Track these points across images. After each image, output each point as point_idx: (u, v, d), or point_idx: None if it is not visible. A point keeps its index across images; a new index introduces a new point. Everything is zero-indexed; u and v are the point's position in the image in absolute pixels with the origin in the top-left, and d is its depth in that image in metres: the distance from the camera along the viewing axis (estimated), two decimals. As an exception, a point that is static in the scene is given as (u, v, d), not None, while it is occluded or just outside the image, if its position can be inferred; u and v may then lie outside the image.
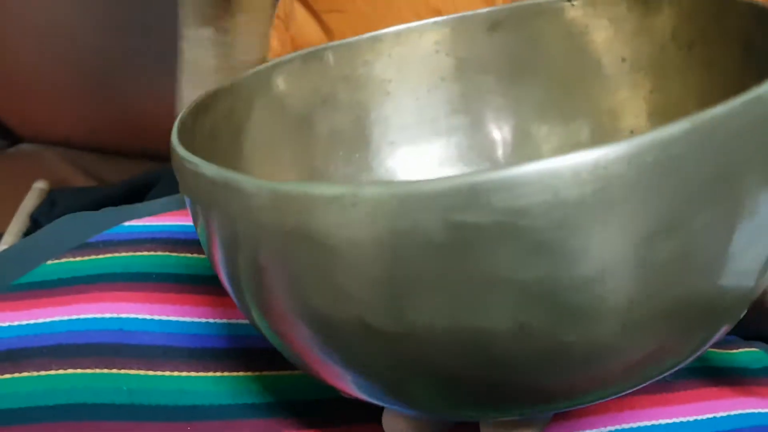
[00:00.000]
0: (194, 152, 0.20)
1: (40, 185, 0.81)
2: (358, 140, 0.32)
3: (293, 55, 0.30)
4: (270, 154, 0.29)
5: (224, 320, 0.29)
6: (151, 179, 0.77)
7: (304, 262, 0.17)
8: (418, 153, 0.33)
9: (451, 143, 0.33)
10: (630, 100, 0.30)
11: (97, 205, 0.76)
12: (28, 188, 0.81)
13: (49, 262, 0.32)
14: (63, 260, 0.32)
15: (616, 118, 0.31)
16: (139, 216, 0.36)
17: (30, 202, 0.79)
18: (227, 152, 0.27)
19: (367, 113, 0.32)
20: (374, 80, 0.32)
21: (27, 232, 0.76)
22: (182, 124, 0.23)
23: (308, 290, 0.18)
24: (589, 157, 0.15)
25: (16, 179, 0.83)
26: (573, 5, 0.30)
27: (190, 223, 0.35)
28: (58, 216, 0.75)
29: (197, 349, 0.28)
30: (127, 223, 0.35)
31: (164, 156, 0.91)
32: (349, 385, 0.20)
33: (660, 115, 0.29)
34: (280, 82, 0.30)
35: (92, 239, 0.33)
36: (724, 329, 0.20)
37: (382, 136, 0.33)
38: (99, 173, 0.86)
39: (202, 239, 0.22)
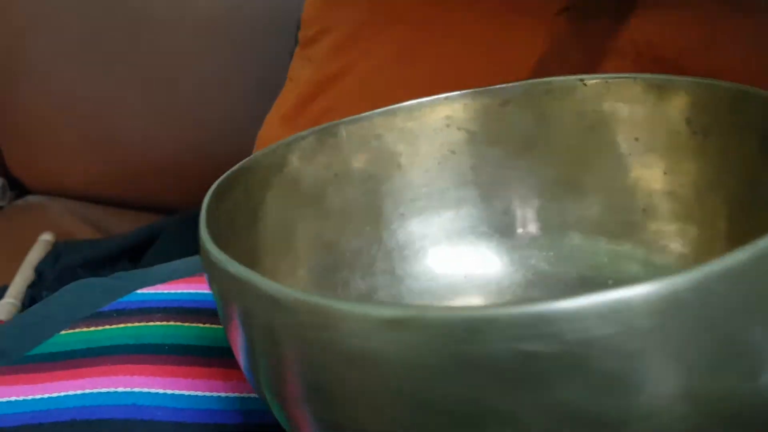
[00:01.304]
0: (217, 237, 0.21)
1: (45, 237, 0.82)
2: (369, 213, 0.33)
3: (309, 131, 0.31)
4: (283, 231, 0.29)
5: (236, 394, 0.29)
6: (155, 231, 0.78)
7: (345, 377, 0.17)
8: (428, 224, 0.34)
9: (461, 215, 0.34)
10: (643, 179, 0.30)
11: (102, 259, 0.77)
12: (34, 240, 0.81)
13: (63, 332, 0.32)
14: (76, 330, 0.32)
15: (629, 196, 0.31)
16: (152, 282, 0.36)
17: (35, 254, 0.79)
18: (246, 234, 0.27)
19: (378, 186, 0.33)
20: (386, 153, 0.33)
21: (32, 285, 0.76)
22: (208, 208, 0.23)
23: (341, 404, 0.18)
24: (660, 287, 0.15)
25: (23, 231, 0.83)
26: (585, 85, 0.31)
27: (201, 290, 0.35)
28: (63, 268, 0.76)
29: (209, 425, 0.28)
30: (139, 291, 0.35)
31: (167, 207, 0.92)
32: None
33: (674, 195, 0.30)
34: (295, 159, 0.30)
35: (105, 308, 0.34)
36: None
37: (393, 209, 0.33)
38: (104, 225, 0.87)
39: (229, 330, 0.22)
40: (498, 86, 0.32)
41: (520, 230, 0.33)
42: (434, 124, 0.33)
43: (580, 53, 0.42)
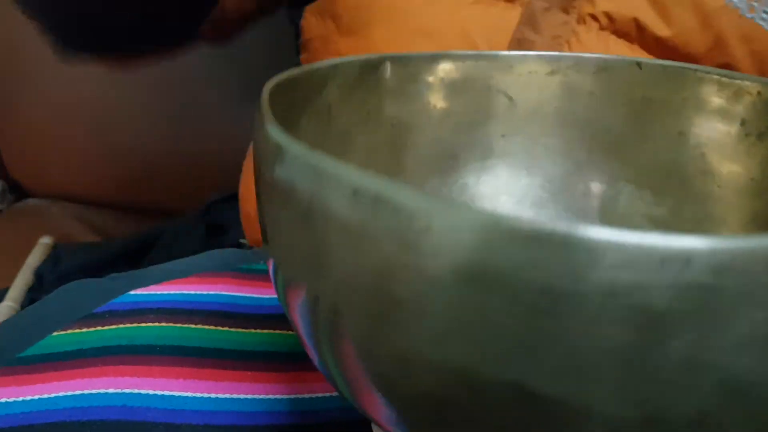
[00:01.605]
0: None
1: (45, 240, 0.81)
2: (393, 164, 0.30)
3: (352, 58, 0.27)
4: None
5: (228, 395, 0.29)
6: (155, 235, 0.77)
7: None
8: (447, 186, 0.31)
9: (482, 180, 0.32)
10: (680, 176, 0.29)
11: (101, 262, 0.77)
12: (34, 243, 0.81)
13: (55, 333, 0.32)
14: (69, 331, 0.32)
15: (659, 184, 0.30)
16: (145, 284, 0.36)
17: (35, 257, 0.79)
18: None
19: (408, 135, 0.30)
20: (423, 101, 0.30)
21: (32, 288, 0.76)
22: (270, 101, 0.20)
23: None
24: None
25: (23, 234, 0.83)
26: (641, 68, 0.29)
27: (194, 291, 0.35)
28: (63, 272, 0.76)
29: (200, 426, 0.27)
30: (132, 292, 0.35)
31: (167, 211, 0.91)
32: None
33: (709, 195, 0.29)
34: (333, 86, 0.27)
35: (98, 309, 0.33)
36: None
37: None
38: (104, 228, 0.87)
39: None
40: (548, 53, 0.30)
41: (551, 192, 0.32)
42: (479, 84, 0.30)
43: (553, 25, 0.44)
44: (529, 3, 0.45)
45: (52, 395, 0.28)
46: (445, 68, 0.30)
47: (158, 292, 0.35)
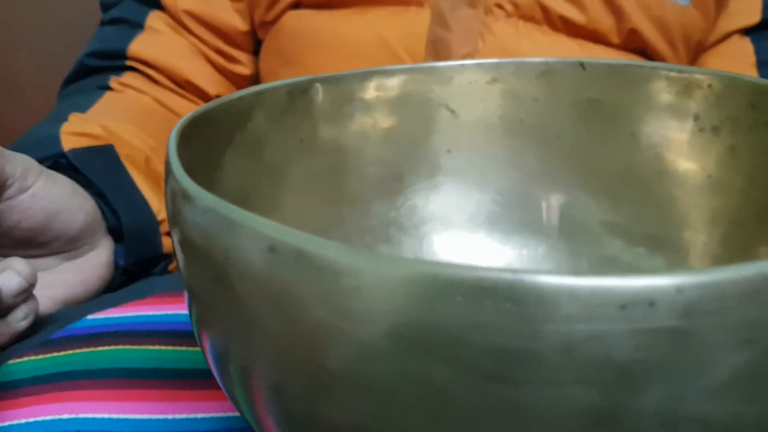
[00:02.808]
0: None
1: None
2: (334, 192, 0.28)
3: (278, 84, 0.26)
4: (243, 198, 0.24)
5: (185, 415, 0.28)
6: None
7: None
8: (391, 207, 0.30)
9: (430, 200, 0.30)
10: (637, 178, 0.28)
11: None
12: None
13: (11, 361, 0.31)
14: (25, 359, 0.31)
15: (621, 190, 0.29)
16: (103, 308, 0.35)
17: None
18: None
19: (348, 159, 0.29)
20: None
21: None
22: (177, 149, 0.18)
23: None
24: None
25: None
26: (584, 69, 0.28)
27: (151, 312, 0.34)
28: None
29: None
30: (90, 317, 0.34)
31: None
32: None
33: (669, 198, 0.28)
34: (260, 115, 0.25)
35: (55, 335, 0.32)
36: None
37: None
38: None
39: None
40: (479, 61, 0.29)
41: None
42: (418, 99, 0.29)
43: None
44: (436, 3, 0.46)
45: (5, 424, 0.27)
46: (379, 85, 0.28)
47: (115, 316, 0.34)
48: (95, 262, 0.39)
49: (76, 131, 0.44)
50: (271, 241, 0.13)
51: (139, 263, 0.41)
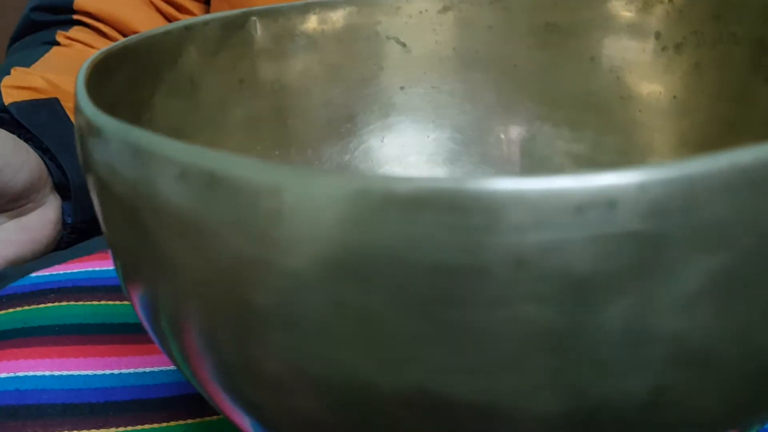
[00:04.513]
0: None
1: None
2: (280, 135, 0.26)
3: (209, 17, 0.24)
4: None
5: (131, 370, 0.27)
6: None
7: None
8: (345, 152, 0.29)
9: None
10: (600, 106, 0.27)
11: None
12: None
13: None
14: None
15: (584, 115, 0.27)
16: (49, 265, 0.33)
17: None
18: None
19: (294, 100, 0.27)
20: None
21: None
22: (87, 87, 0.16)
23: None
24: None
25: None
26: None
27: (96, 267, 0.32)
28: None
29: (100, 404, 0.25)
30: (34, 274, 0.33)
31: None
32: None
33: (635, 122, 0.27)
34: (192, 51, 0.23)
35: None
36: None
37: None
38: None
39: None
40: None
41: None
42: (365, 32, 0.27)
43: None
44: None
45: None
46: (322, 18, 0.26)
47: (60, 272, 0.33)
48: (42, 220, 0.38)
49: (17, 84, 0.42)
50: (180, 167, 0.12)
51: (87, 221, 0.40)
